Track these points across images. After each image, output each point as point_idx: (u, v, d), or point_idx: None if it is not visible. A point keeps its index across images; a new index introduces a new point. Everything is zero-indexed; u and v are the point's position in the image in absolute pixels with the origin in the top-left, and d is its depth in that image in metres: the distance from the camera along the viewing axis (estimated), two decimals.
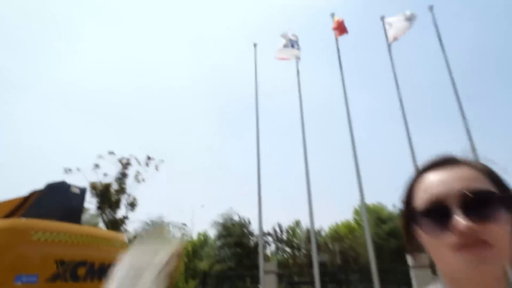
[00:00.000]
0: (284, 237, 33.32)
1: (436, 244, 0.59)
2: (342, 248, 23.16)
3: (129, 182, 14.23)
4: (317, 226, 34.37)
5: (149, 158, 14.29)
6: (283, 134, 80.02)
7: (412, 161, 9.94)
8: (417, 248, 0.66)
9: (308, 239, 26.07)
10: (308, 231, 27.55)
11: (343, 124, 11.10)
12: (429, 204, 0.60)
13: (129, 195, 14.15)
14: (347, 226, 34.32)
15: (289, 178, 71.05)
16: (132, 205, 14.11)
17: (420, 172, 0.67)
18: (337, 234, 31.51)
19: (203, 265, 23.86)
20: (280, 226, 33.13)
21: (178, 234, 21.90)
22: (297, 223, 39.33)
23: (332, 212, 63.96)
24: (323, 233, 34.72)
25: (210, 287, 17.82)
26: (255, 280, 19.29)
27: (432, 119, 53.48)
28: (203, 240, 38.70)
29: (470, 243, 0.54)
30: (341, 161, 67.33)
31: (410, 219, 0.66)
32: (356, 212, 32.35)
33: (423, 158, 0.71)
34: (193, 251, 26.45)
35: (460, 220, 0.55)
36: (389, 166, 64.12)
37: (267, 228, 33.79)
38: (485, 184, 0.59)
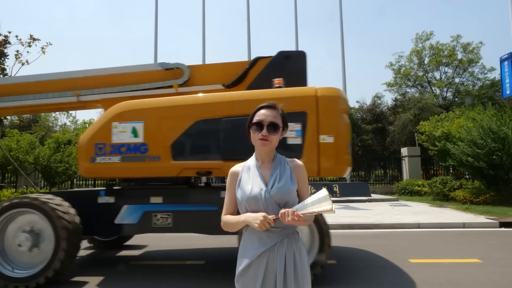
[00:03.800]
0: None
1: (254, 136, 1.52)
2: None
3: (10, 64, 12.57)
4: None
5: (33, 38, 12.39)
6: (182, 15, 74.01)
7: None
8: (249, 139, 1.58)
9: None
10: None
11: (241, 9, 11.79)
12: (257, 121, 1.51)
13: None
14: None
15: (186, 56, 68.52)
16: None
17: (258, 108, 1.56)
18: None
19: None
20: None
21: None
22: None
23: None
24: None
25: None
26: None
27: None
28: None
29: (264, 139, 1.49)
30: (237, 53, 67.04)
31: (249, 125, 1.56)
32: None
33: None
34: None
35: (264, 130, 1.49)
36: None
37: None
38: (278, 120, 1.52)
